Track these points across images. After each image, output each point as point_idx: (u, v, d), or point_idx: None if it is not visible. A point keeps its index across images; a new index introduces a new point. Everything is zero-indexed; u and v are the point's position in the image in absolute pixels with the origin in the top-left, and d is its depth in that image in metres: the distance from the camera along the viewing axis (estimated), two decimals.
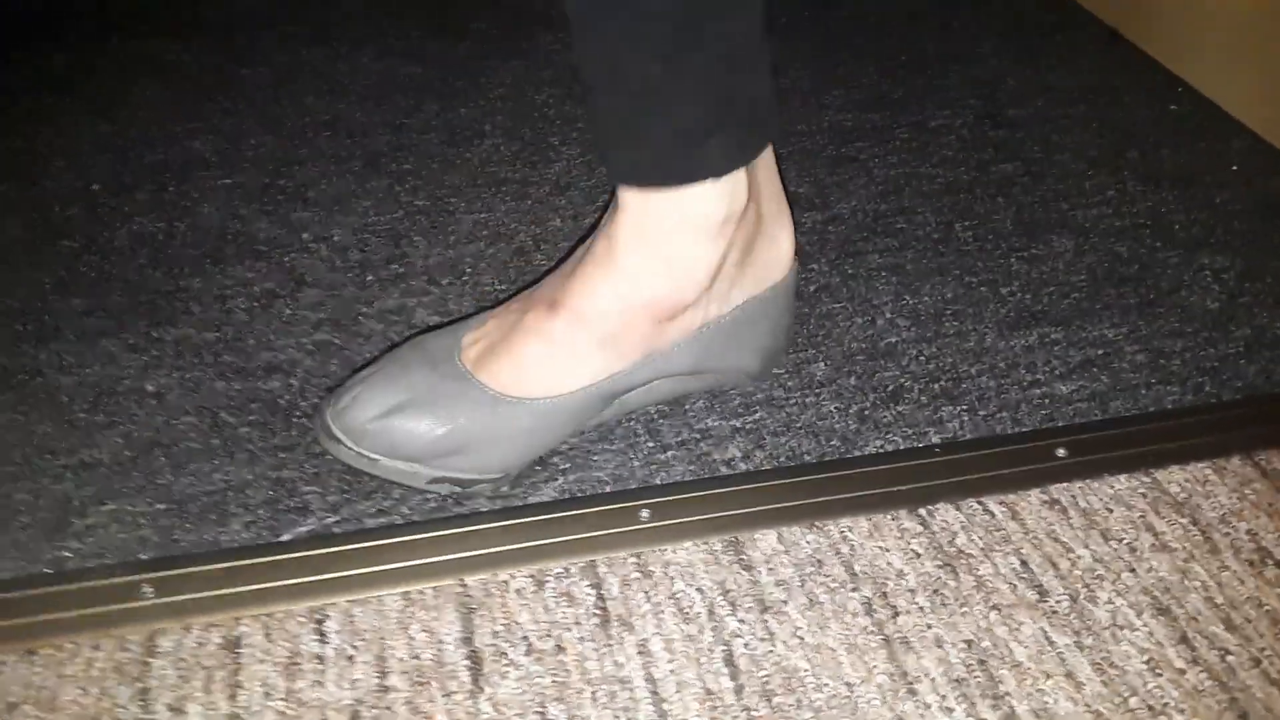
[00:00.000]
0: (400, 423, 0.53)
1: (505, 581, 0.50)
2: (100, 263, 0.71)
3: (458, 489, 0.54)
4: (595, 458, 0.57)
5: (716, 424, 0.60)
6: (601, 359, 0.54)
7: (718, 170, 0.51)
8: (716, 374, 0.59)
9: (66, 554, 0.51)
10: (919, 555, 0.52)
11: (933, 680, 0.47)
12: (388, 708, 0.45)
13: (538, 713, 0.45)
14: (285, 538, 0.52)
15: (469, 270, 0.71)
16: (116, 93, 0.89)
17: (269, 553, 0.51)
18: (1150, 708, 0.46)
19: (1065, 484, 0.56)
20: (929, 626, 0.49)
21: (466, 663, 0.47)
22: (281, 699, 0.45)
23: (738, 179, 0.52)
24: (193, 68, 0.93)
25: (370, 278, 0.70)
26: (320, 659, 0.47)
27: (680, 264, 0.53)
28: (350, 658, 0.47)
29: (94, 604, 0.48)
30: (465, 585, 0.50)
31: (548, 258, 0.72)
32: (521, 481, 0.56)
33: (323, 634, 0.48)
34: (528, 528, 0.53)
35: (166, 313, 0.67)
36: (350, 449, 0.53)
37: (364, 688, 0.46)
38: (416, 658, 0.47)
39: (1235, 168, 0.82)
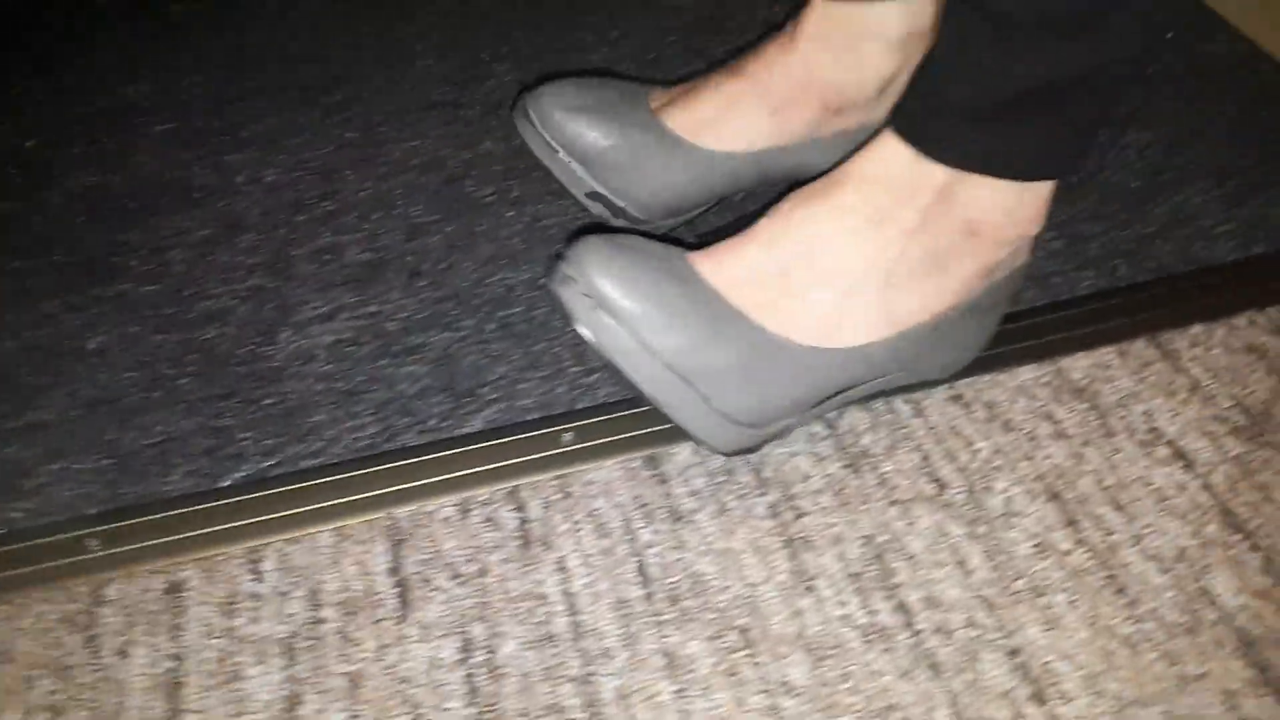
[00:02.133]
0: (581, 122, 0.60)
1: (432, 512, 0.53)
2: (39, 223, 0.72)
3: (607, 212, 0.61)
4: (521, 386, 0.60)
5: None
6: (768, 125, 0.60)
7: None
8: None
9: (17, 514, 0.54)
10: (825, 458, 0.54)
11: (830, 576, 0.50)
12: (320, 638, 0.48)
13: (460, 632, 0.48)
14: (223, 484, 0.55)
15: (400, 202, 0.72)
16: (53, 45, 0.89)
17: (208, 499, 0.54)
18: (1034, 589, 0.49)
19: (971, 379, 0.58)
20: (830, 525, 0.52)
21: (395, 591, 0.50)
22: (220, 637, 0.48)
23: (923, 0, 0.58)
24: (127, 9, 0.92)
25: (302, 217, 0.71)
26: (257, 597, 0.50)
27: (858, 65, 0.59)
28: (284, 594, 0.50)
29: (43, 560, 0.51)
30: (394, 518, 0.53)
31: (478, 184, 0.73)
32: (660, 229, 0.63)
33: (259, 573, 0.51)
34: (453, 459, 0.55)
35: (106, 269, 0.68)
36: (538, 132, 0.61)
37: (298, 621, 0.49)
38: (347, 589, 0.50)
39: (1170, 35, 0.81)
